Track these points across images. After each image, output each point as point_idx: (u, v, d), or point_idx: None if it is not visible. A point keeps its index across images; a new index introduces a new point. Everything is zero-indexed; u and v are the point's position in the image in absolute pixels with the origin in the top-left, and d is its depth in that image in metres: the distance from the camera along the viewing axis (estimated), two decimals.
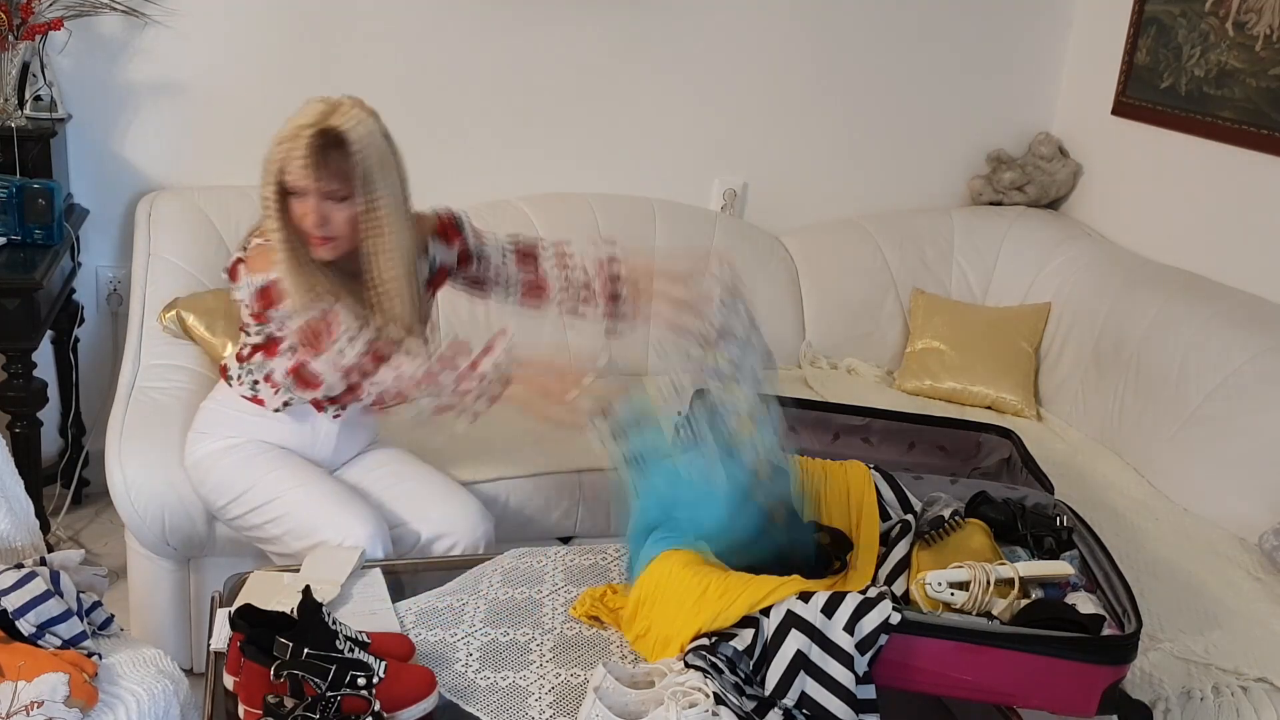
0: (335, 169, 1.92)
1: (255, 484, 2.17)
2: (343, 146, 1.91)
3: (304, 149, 1.89)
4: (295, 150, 1.90)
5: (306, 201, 1.94)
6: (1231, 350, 2.81)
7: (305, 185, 1.92)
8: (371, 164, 1.94)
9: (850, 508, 2.09)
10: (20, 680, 1.55)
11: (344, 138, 1.91)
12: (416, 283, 2.07)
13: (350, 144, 1.91)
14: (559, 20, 3.26)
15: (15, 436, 2.71)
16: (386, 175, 1.97)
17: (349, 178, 1.93)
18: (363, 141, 1.93)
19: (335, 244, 1.99)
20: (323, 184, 1.92)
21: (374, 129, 1.96)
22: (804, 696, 1.59)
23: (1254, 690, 2.05)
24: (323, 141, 1.90)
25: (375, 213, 1.97)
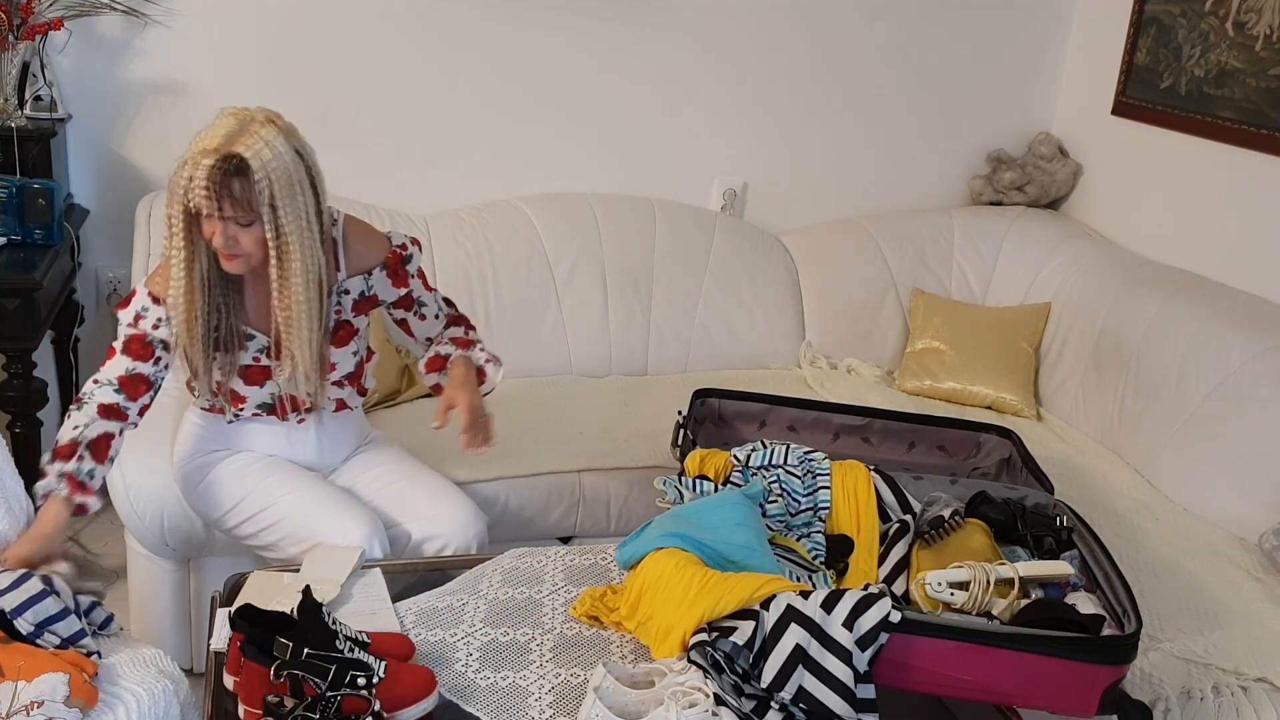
0: (237, 196, 1.89)
1: (248, 493, 2.17)
2: (245, 174, 1.88)
3: (205, 176, 1.86)
4: (197, 177, 1.86)
5: (211, 222, 1.92)
6: (1231, 350, 2.81)
7: (208, 208, 1.89)
8: (276, 189, 1.90)
9: (850, 508, 2.09)
10: (20, 680, 1.55)
11: (246, 165, 1.87)
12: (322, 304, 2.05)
13: (253, 172, 1.87)
14: (559, 20, 3.26)
15: (15, 436, 2.71)
16: (292, 200, 1.93)
17: (252, 204, 1.90)
18: (266, 168, 1.88)
19: (245, 259, 1.98)
20: (224, 210, 1.89)
21: (281, 150, 1.91)
22: (801, 691, 1.59)
23: (1254, 690, 2.05)
24: (225, 169, 1.86)
25: (280, 238, 1.94)
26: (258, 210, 1.90)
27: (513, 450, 2.68)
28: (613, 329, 3.25)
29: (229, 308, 2.06)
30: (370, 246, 2.17)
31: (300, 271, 1.97)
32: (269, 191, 1.89)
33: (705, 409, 2.51)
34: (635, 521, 2.18)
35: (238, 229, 1.92)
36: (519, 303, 3.15)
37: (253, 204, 1.90)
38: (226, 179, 1.87)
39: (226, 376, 2.12)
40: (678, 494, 2.05)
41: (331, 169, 3.15)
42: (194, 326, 2.03)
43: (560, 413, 2.92)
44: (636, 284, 3.27)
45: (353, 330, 2.18)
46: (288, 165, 1.91)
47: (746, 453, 2.18)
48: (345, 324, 2.16)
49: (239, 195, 1.88)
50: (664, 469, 2.58)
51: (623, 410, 2.96)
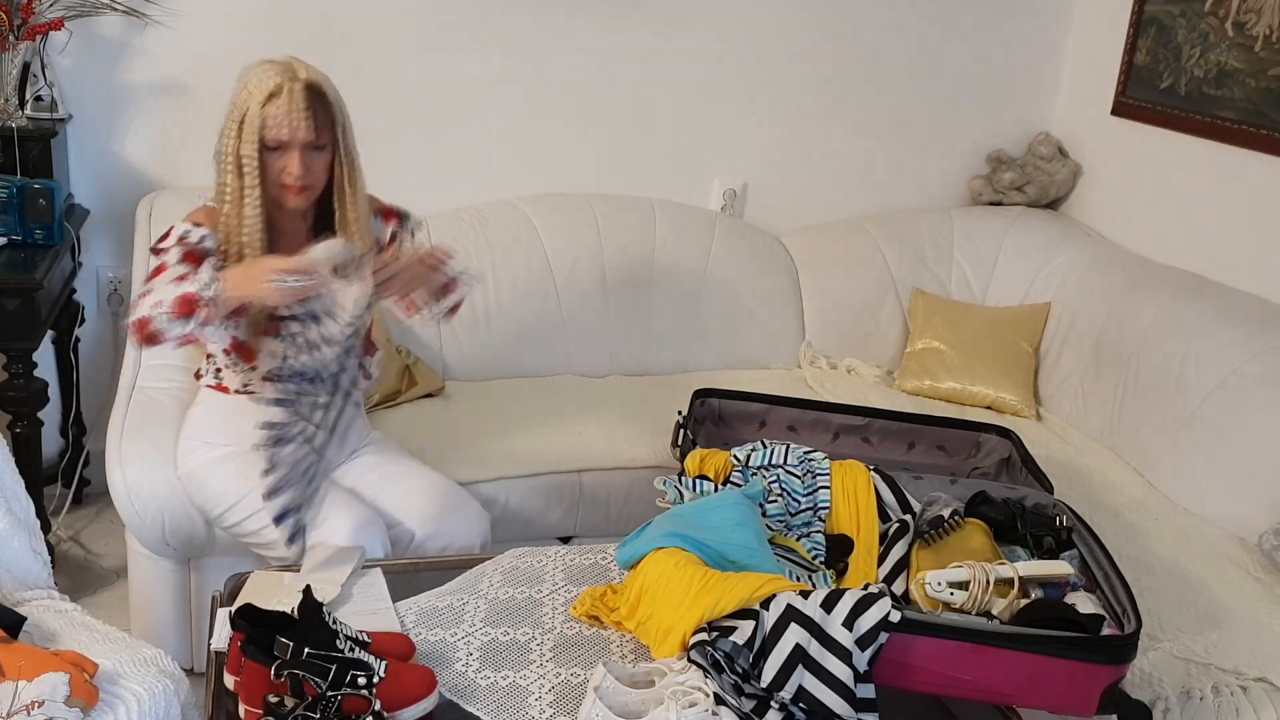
0: (323, 119, 2.04)
1: (250, 491, 2.17)
2: (324, 98, 2.04)
3: (304, 103, 2.00)
4: (292, 106, 1.99)
5: (289, 154, 2.03)
6: (1231, 350, 2.81)
7: (295, 138, 2.01)
8: (341, 113, 2.08)
9: (850, 508, 2.09)
10: (21, 680, 1.56)
11: (323, 90, 2.04)
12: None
13: (328, 94, 2.05)
14: (559, 21, 3.26)
15: (16, 436, 2.71)
16: (348, 123, 2.11)
17: (331, 126, 2.06)
18: (334, 91, 2.07)
19: (311, 191, 2.09)
20: (317, 135, 2.02)
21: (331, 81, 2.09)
22: (801, 690, 1.60)
23: (1254, 690, 2.05)
24: (314, 93, 2.02)
25: (350, 158, 2.10)
26: (335, 133, 2.06)
27: (513, 450, 2.69)
28: (613, 329, 3.25)
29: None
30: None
31: (362, 189, 2.13)
32: (340, 113, 2.07)
33: (705, 409, 2.51)
34: (635, 521, 2.18)
35: (313, 155, 2.04)
36: (519, 303, 3.15)
37: (333, 126, 2.06)
38: (316, 103, 2.02)
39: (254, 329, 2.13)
40: (678, 494, 2.05)
41: None
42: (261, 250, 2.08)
43: (560, 413, 2.92)
44: (636, 284, 3.27)
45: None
46: (339, 94, 2.10)
47: (746, 453, 2.18)
48: None
49: (322, 120, 2.03)
50: (664, 469, 2.58)
51: (623, 410, 2.97)
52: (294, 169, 2.04)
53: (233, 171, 2.05)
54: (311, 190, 2.09)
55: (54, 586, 1.99)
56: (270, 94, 2.00)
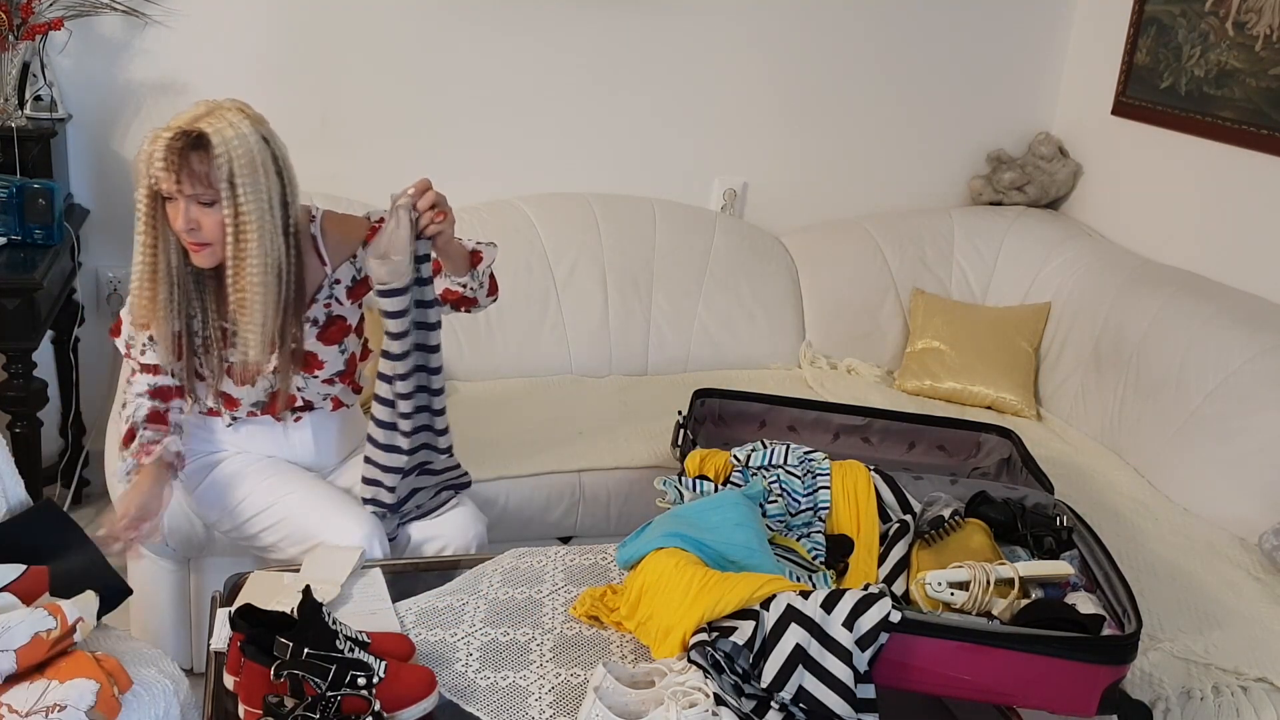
0: (197, 171, 1.89)
1: (248, 495, 2.17)
2: (205, 149, 1.88)
3: (164, 149, 1.87)
4: (156, 152, 1.88)
5: (177, 205, 1.92)
6: (1231, 350, 2.81)
7: (169, 188, 1.90)
8: (236, 167, 1.89)
9: (850, 508, 2.09)
10: (54, 680, 1.56)
11: (206, 140, 1.88)
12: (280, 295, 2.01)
13: (213, 147, 1.88)
14: (559, 21, 3.26)
15: (15, 436, 2.71)
16: (254, 181, 1.91)
17: (211, 181, 1.89)
18: (227, 144, 1.88)
19: (211, 250, 1.96)
20: (184, 186, 1.89)
21: (245, 132, 1.91)
22: (801, 691, 1.60)
23: (1254, 690, 2.05)
24: (184, 143, 1.88)
25: (238, 218, 1.92)
26: (217, 188, 1.89)
27: (513, 450, 2.69)
28: (613, 329, 3.25)
29: (206, 306, 2.05)
30: (348, 231, 2.16)
31: (258, 254, 1.94)
32: (228, 168, 1.88)
33: (705, 409, 2.51)
34: (635, 521, 2.18)
35: (199, 210, 1.91)
36: (519, 303, 3.15)
37: (212, 180, 1.89)
38: (185, 152, 1.87)
39: (216, 378, 2.11)
40: (678, 494, 2.05)
41: (331, 169, 3.19)
42: (164, 322, 2.02)
43: (560, 413, 2.92)
44: (636, 284, 3.27)
45: (345, 327, 2.17)
46: (250, 146, 1.91)
47: (746, 453, 2.18)
48: (338, 319, 2.16)
49: (197, 169, 1.88)
50: (664, 469, 2.59)
51: (623, 410, 2.96)
52: (179, 221, 1.92)
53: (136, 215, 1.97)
54: (211, 250, 1.96)
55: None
56: (151, 136, 1.90)
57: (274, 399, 2.17)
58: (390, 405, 2.07)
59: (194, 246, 1.96)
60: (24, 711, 1.51)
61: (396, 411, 2.07)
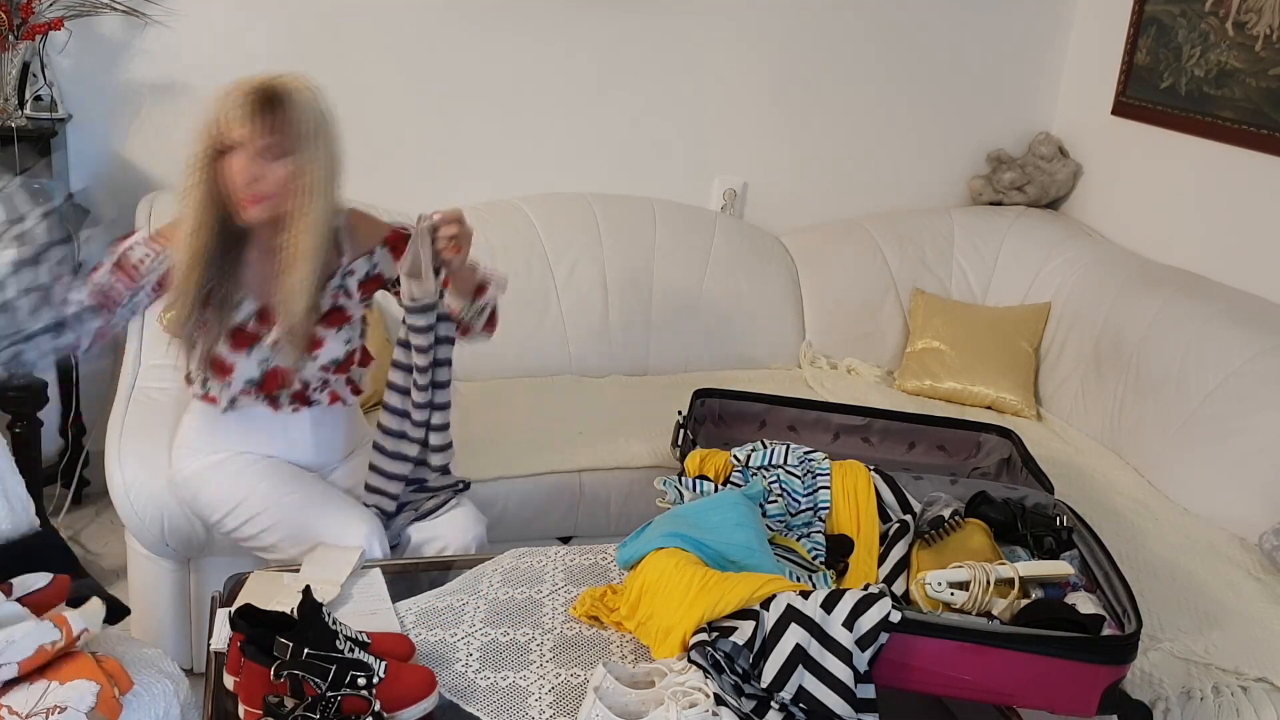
0: (274, 123, 1.93)
1: (247, 495, 2.17)
2: (282, 103, 1.93)
3: (245, 100, 1.92)
4: (234, 102, 1.91)
5: (240, 157, 1.94)
6: (1231, 350, 2.81)
7: (242, 137, 1.92)
8: (306, 128, 1.95)
9: (850, 508, 2.09)
10: (54, 681, 1.56)
11: (284, 95, 1.94)
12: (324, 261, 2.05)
13: (290, 101, 1.94)
14: (559, 21, 3.26)
15: (15, 436, 2.72)
16: (318, 144, 1.97)
17: (285, 134, 1.94)
18: (303, 103, 1.95)
19: (267, 203, 1.98)
20: (260, 137, 1.92)
21: (317, 98, 1.98)
22: (801, 691, 1.60)
23: (1254, 690, 2.05)
24: (264, 95, 1.93)
25: (303, 177, 1.96)
26: (289, 143, 1.94)
27: (513, 450, 2.69)
28: (613, 329, 3.25)
29: (226, 269, 2.05)
30: (371, 228, 2.20)
31: (315, 213, 1.98)
32: (300, 127, 1.94)
33: (705, 409, 2.51)
34: (635, 521, 2.18)
35: (264, 164, 1.94)
36: (519, 303, 3.15)
37: (287, 134, 1.93)
38: (266, 105, 1.92)
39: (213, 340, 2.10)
40: (678, 494, 2.05)
41: None
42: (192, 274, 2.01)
43: (560, 413, 2.92)
44: (636, 284, 3.27)
45: (345, 315, 2.17)
46: (319, 112, 1.98)
47: (746, 453, 2.18)
48: (339, 310, 2.16)
49: (275, 124, 1.93)
50: (664, 469, 2.59)
51: (623, 410, 2.97)
52: (239, 172, 1.95)
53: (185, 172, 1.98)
54: (270, 202, 1.98)
55: None
56: (226, 90, 1.95)
57: (268, 377, 2.15)
58: (403, 416, 2.13)
59: (252, 200, 1.97)
60: (24, 713, 1.51)
61: (409, 420, 2.13)
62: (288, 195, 1.97)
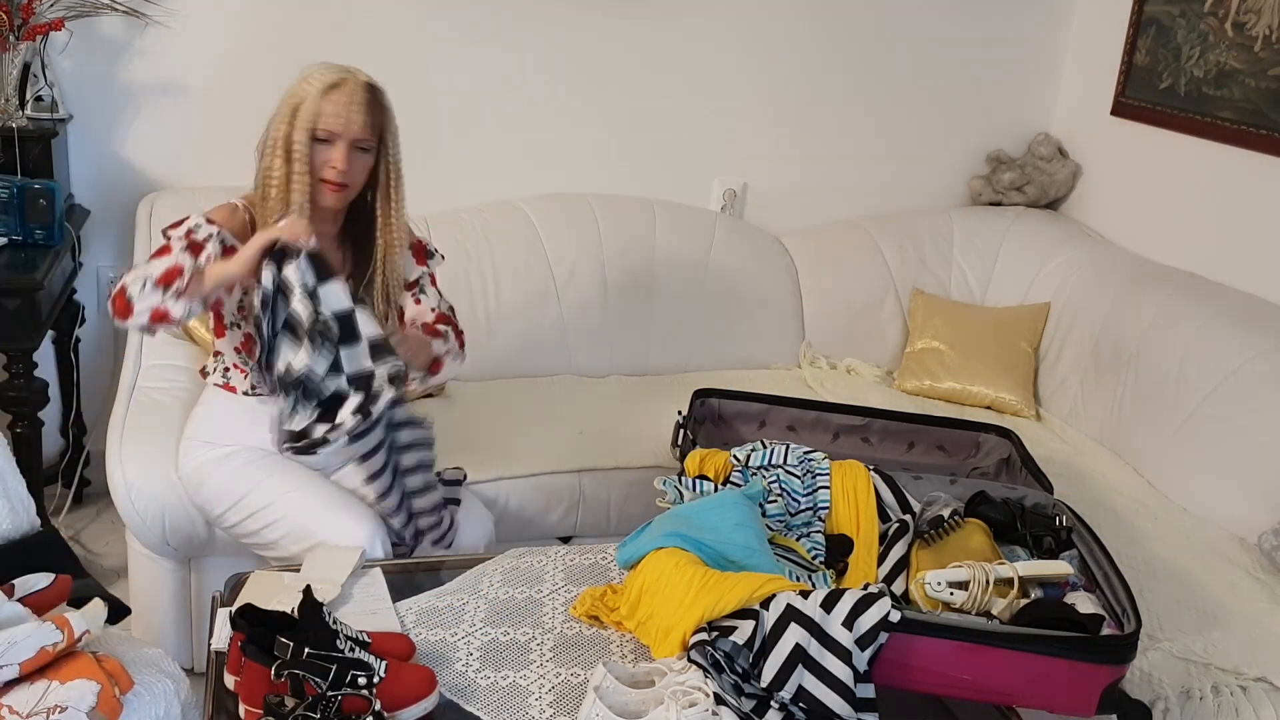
0: (376, 120, 2.09)
1: (251, 490, 2.17)
2: (380, 101, 2.10)
3: (362, 99, 2.05)
4: (351, 99, 2.04)
5: (336, 149, 2.06)
6: (1231, 350, 2.81)
7: (348, 130, 2.05)
8: (390, 123, 2.13)
9: (850, 508, 2.10)
10: (54, 681, 1.56)
11: (381, 94, 2.10)
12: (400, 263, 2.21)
13: (384, 100, 2.11)
14: (559, 20, 3.27)
15: (16, 436, 2.71)
16: (397, 138, 2.15)
17: (380, 130, 2.10)
18: (389, 102, 2.12)
19: (346, 192, 2.11)
20: (366, 132, 2.07)
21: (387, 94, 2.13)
22: (801, 690, 1.60)
23: (1254, 690, 2.05)
24: (374, 92, 2.09)
25: (396, 166, 2.14)
26: (383, 137, 2.11)
27: (513, 450, 2.69)
28: (613, 329, 3.25)
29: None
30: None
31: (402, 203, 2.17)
32: (391, 123, 2.12)
33: (705, 409, 2.51)
34: (635, 521, 2.17)
35: (357, 155, 2.08)
36: (519, 303, 3.16)
37: (382, 129, 2.11)
38: (373, 102, 2.07)
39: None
40: (678, 494, 2.05)
41: None
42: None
43: (560, 413, 2.92)
44: (636, 284, 3.27)
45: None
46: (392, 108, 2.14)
47: (746, 453, 2.18)
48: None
49: (374, 121, 2.08)
50: (664, 469, 2.58)
51: (623, 410, 2.97)
52: (338, 162, 2.06)
53: (281, 158, 2.07)
54: (349, 191, 2.11)
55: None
56: (332, 84, 2.05)
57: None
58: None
59: (337, 186, 2.09)
60: (25, 713, 1.51)
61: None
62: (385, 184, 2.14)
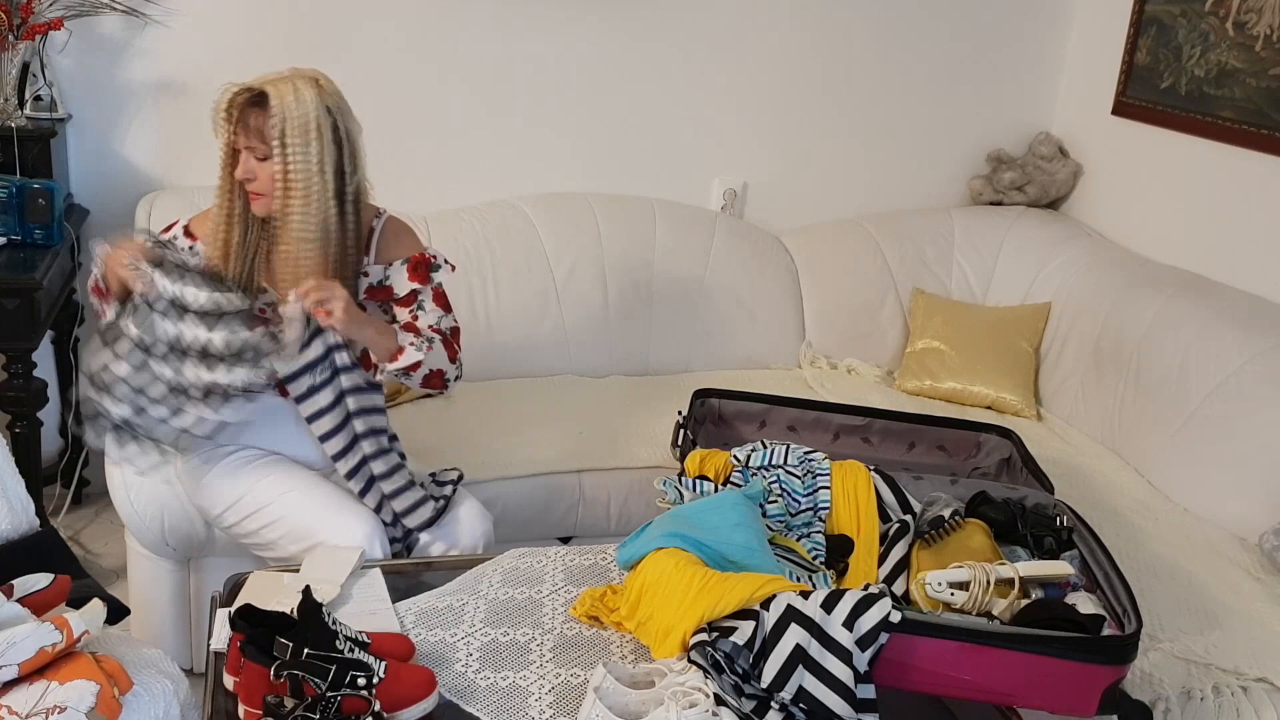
0: (252, 127, 2.03)
1: (249, 490, 2.17)
2: (263, 107, 2.02)
3: (227, 104, 2.04)
4: (221, 104, 2.04)
5: (242, 155, 2.07)
6: (1231, 350, 2.81)
7: (227, 138, 2.06)
8: (288, 129, 2.02)
9: (850, 508, 2.09)
10: (54, 681, 1.56)
11: (266, 99, 2.02)
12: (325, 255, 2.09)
13: (270, 107, 2.01)
14: (559, 20, 3.26)
15: (15, 436, 2.71)
16: (305, 144, 2.03)
17: (265, 138, 2.03)
18: (284, 107, 2.01)
19: (264, 200, 2.09)
20: (240, 138, 2.05)
21: (307, 99, 2.03)
22: (801, 691, 1.60)
23: (1254, 690, 2.05)
24: (245, 100, 2.03)
25: (286, 175, 2.04)
26: (269, 144, 2.03)
27: (513, 450, 2.69)
28: (613, 329, 3.25)
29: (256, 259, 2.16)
30: (402, 243, 2.24)
31: (301, 212, 2.05)
32: (280, 128, 2.01)
33: (705, 409, 2.51)
34: (635, 521, 2.18)
35: (255, 163, 2.06)
36: (519, 303, 3.15)
37: (265, 136, 2.03)
38: (246, 109, 2.03)
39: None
40: (678, 494, 2.05)
41: None
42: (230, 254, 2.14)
43: (560, 413, 2.92)
44: (636, 284, 3.27)
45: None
46: (308, 111, 2.03)
47: (746, 453, 2.18)
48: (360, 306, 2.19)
49: (252, 126, 2.03)
50: (664, 469, 2.59)
51: (623, 410, 2.97)
52: (239, 170, 2.08)
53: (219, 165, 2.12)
54: (263, 200, 2.09)
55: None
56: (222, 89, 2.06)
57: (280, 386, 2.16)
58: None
59: (251, 196, 2.10)
60: (24, 713, 1.51)
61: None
62: (277, 192, 2.06)
